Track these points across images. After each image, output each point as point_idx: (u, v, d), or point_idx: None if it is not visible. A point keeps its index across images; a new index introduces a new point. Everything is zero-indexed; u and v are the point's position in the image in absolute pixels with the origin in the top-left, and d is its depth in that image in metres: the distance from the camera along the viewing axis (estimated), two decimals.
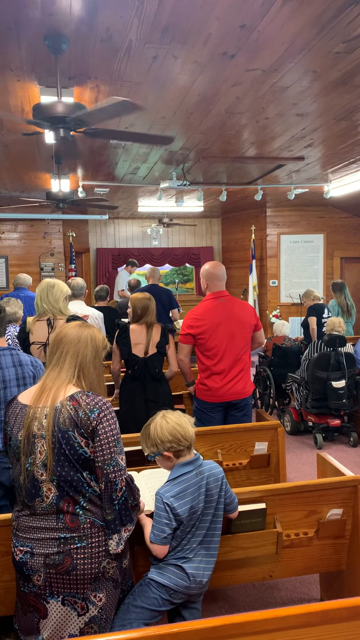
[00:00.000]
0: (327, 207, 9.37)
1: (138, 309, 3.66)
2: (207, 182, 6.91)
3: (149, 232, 10.48)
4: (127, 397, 3.66)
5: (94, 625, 1.73)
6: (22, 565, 1.72)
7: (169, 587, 1.94)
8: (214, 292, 3.56)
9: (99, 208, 6.79)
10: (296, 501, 2.38)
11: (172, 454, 2.01)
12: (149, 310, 3.66)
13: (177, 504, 1.92)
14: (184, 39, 2.81)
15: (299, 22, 2.65)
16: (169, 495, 1.94)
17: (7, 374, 2.56)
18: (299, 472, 4.46)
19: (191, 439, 2.03)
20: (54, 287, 3.39)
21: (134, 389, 3.64)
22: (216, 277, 3.57)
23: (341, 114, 4.20)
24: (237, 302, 3.60)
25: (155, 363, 3.63)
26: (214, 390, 3.48)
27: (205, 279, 3.60)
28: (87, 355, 1.84)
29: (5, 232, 9.17)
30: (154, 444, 2.02)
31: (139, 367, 3.60)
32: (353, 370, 5.06)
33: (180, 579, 1.95)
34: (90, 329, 1.91)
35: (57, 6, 2.48)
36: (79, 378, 1.81)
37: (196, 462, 2.05)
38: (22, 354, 2.66)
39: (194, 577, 1.97)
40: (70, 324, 1.93)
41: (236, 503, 2.18)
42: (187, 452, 2.04)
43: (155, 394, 3.63)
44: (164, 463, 2.07)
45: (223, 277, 3.59)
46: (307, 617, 1.49)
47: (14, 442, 1.76)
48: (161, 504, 1.93)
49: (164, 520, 1.92)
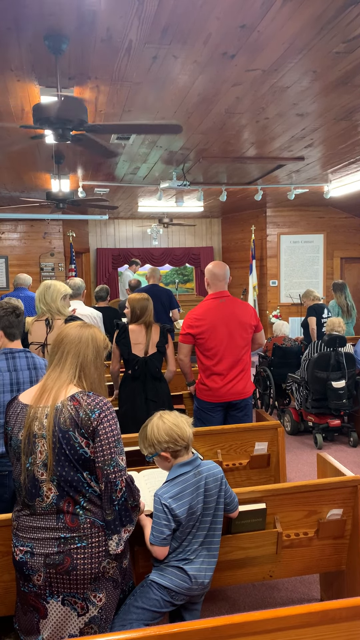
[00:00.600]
0: (327, 207, 9.37)
1: (137, 309, 3.67)
2: (207, 182, 6.91)
3: (149, 232, 10.49)
4: (127, 397, 3.66)
5: (94, 625, 1.73)
6: (22, 565, 1.72)
7: (170, 588, 1.93)
8: (215, 292, 3.57)
9: (99, 208, 6.79)
10: (296, 501, 2.38)
11: (169, 454, 2.01)
12: (148, 310, 3.67)
13: (175, 505, 1.92)
14: (184, 39, 2.81)
15: (299, 22, 2.65)
16: (167, 497, 1.93)
17: (22, 376, 2.56)
18: (299, 472, 4.46)
19: (188, 439, 2.02)
20: (50, 288, 3.46)
21: (134, 388, 3.64)
22: (217, 277, 3.57)
23: (341, 114, 4.20)
24: (238, 303, 3.60)
25: (155, 362, 3.64)
26: (214, 391, 3.49)
27: (207, 278, 3.61)
28: (88, 355, 1.84)
29: (5, 232, 9.17)
30: (151, 444, 2.02)
31: (139, 367, 3.61)
32: (353, 370, 5.06)
33: (182, 580, 1.95)
34: (91, 329, 1.91)
35: (57, 6, 2.48)
36: (80, 378, 1.81)
37: (194, 463, 2.04)
38: (36, 357, 2.67)
39: (196, 578, 1.97)
40: (71, 324, 1.93)
41: (236, 502, 2.18)
42: (185, 452, 2.04)
43: (155, 393, 3.64)
44: (162, 464, 2.06)
45: (224, 278, 3.59)
46: (307, 617, 1.49)
47: (15, 442, 1.76)
48: (159, 505, 1.93)
49: (162, 522, 1.92)
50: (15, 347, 2.61)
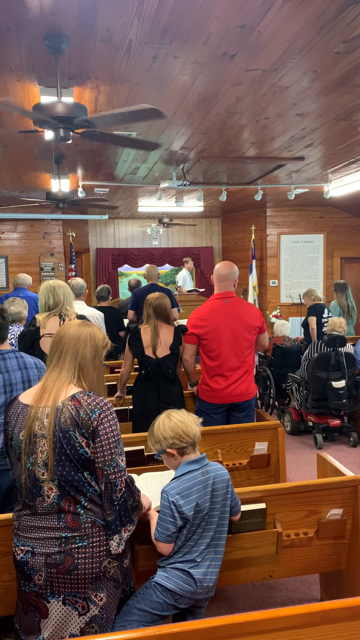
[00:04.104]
0: (327, 207, 9.37)
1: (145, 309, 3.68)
2: (207, 182, 6.91)
3: (149, 232, 10.48)
4: (140, 398, 3.66)
5: (94, 624, 1.73)
6: (23, 564, 1.72)
7: (174, 592, 1.92)
8: (220, 293, 3.56)
9: (99, 208, 6.79)
10: (296, 501, 2.38)
11: (175, 451, 2.01)
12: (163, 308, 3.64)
13: (182, 502, 1.92)
14: (184, 39, 2.81)
15: (299, 22, 2.65)
16: (174, 493, 1.93)
17: (14, 377, 2.55)
18: (299, 472, 4.46)
19: (194, 437, 2.03)
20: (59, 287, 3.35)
21: (147, 389, 3.64)
22: (221, 277, 3.56)
23: (341, 114, 4.20)
24: (243, 304, 3.59)
25: (168, 364, 3.62)
26: (217, 392, 3.47)
27: (214, 278, 3.61)
28: (87, 354, 1.83)
29: (5, 232, 9.17)
30: (157, 440, 2.04)
31: (152, 368, 3.60)
32: (353, 370, 5.06)
33: (187, 584, 1.94)
34: (90, 328, 1.90)
35: (57, 6, 2.48)
36: (79, 378, 1.80)
37: (202, 461, 2.05)
38: (26, 356, 2.66)
39: (201, 582, 1.95)
40: (69, 323, 1.92)
41: (239, 506, 2.18)
42: (192, 450, 2.04)
43: (168, 394, 3.62)
44: (169, 461, 2.07)
45: (229, 278, 3.56)
46: (307, 617, 1.49)
47: (15, 442, 1.76)
48: (167, 502, 1.93)
49: (168, 519, 1.92)
50: (4, 349, 2.60)
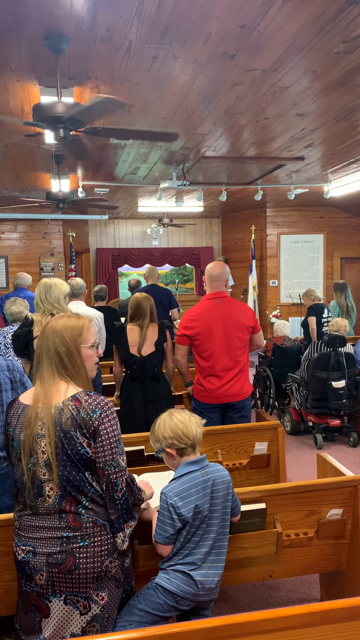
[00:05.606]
0: (327, 207, 9.38)
1: (131, 308, 3.68)
2: (207, 182, 6.91)
3: (149, 232, 10.48)
4: (126, 397, 3.65)
5: (96, 623, 1.73)
6: (24, 564, 1.72)
7: (176, 594, 1.92)
8: (212, 293, 3.55)
9: (99, 208, 6.79)
10: (296, 501, 2.38)
11: (174, 451, 2.01)
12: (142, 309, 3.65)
13: (181, 503, 1.92)
14: (184, 39, 2.81)
15: (299, 22, 2.65)
16: (172, 494, 1.93)
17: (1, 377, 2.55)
18: (299, 472, 4.46)
19: (194, 438, 2.02)
20: (51, 288, 3.43)
21: (133, 389, 3.63)
22: (212, 278, 3.55)
23: (341, 114, 4.20)
24: (235, 304, 3.57)
25: (154, 362, 3.61)
26: (211, 392, 3.47)
27: (205, 278, 3.60)
28: (59, 351, 1.78)
29: (5, 232, 9.17)
30: (157, 439, 2.04)
31: (137, 367, 3.59)
32: (353, 370, 5.06)
33: (188, 586, 1.93)
34: (60, 320, 1.84)
35: (57, 6, 2.48)
36: (60, 373, 1.78)
37: (202, 462, 2.04)
38: (8, 359, 2.65)
39: (202, 584, 1.95)
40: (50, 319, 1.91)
41: (239, 507, 2.18)
42: (192, 451, 2.04)
43: (154, 393, 3.61)
44: (169, 461, 2.08)
45: (220, 278, 3.55)
46: (307, 617, 1.49)
47: (16, 443, 1.76)
48: (165, 504, 1.93)
49: (167, 520, 1.92)
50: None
